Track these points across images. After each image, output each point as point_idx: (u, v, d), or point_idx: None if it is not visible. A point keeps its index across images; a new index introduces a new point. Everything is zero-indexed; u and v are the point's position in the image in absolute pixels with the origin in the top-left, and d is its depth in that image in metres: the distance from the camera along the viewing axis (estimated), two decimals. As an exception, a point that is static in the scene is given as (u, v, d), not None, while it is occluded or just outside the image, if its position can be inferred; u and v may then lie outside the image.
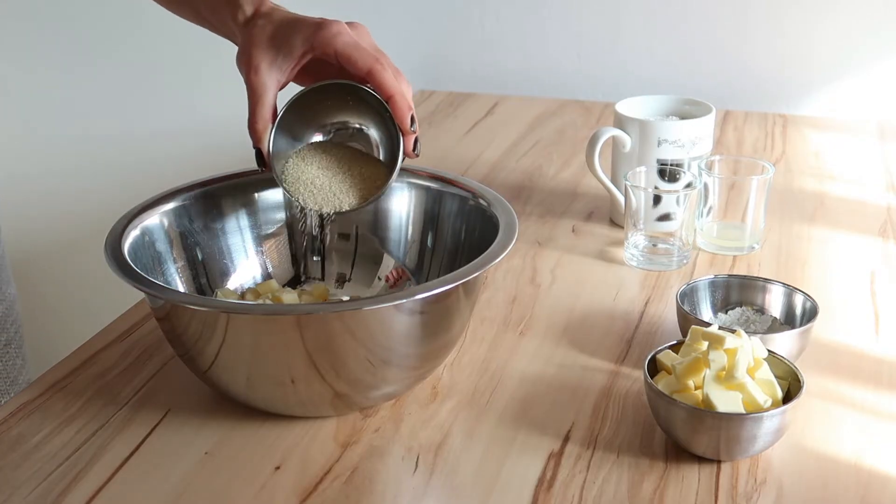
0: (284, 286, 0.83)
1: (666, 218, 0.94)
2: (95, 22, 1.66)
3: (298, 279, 0.84)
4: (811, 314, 0.77)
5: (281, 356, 0.65)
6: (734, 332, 0.68)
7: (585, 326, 0.83)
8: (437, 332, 0.69)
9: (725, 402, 0.63)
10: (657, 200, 0.94)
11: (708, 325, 0.70)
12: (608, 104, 1.42)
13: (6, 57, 1.69)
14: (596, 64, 1.50)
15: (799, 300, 0.79)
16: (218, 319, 0.64)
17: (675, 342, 0.71)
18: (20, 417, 0.72)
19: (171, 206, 0.78)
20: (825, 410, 0.71)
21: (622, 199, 0.99)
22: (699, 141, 0.98)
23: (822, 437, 0.68)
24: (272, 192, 0.83)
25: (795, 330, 0.74)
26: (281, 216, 0.84)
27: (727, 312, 0.81)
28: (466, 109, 1.45)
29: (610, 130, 1.00)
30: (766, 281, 0.81)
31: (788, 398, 0.66)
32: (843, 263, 0.94)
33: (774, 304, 0.80)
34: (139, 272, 0.67)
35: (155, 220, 0.77)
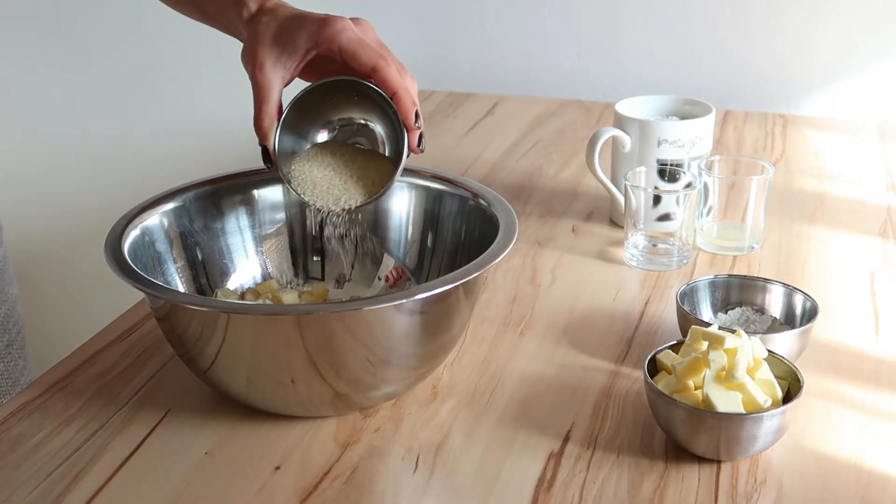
0: (284, 286, 0.83)
1: (666, 218, 0.94)
2: (95, 22, 1.66)
3: (298, 279, 0.84)
4: (811, 314, 0.77)
5: (281, 356, 0.65)
6: (734, 332, 0.68)
7: (585, 326, 0.83)
8: (437, 332, 0.69)
9: (725, 402, 0.63)
10: (657, 200, 0.94)
11: (708, 325, 0.70)
12: (608, 104, 1.42)
13: (6, 57, 1.69)
14: (596, 64, 1.50)
15: (799, 300, 0.79)
16: (218, 319, 0.64)
17: (675, 342, 0.71)
18: (20, 417, 0.72)
19: (171, 206, 0.78)
20: (825, 410, 0.71)
21: (622, 199, 0.99)
22: (699, 141, 0.98)
23: (822, 437, 0.68)
24: (272, 192, 0.83)
25: (795, 330, 0.74)
26: (281, 216, 0.84)
27: (727, 312, 0.81)
28: (466, 109, 1.45)
29: (610, 130, 1.00)
30: (766, 281, 0.81)
31: (788, 398, 0.66)
32: (843, 263, 0.94)
33: (774, 304, 0.80)
34: (139, 272, 0.67)
35: (155, 220, 0.77)
